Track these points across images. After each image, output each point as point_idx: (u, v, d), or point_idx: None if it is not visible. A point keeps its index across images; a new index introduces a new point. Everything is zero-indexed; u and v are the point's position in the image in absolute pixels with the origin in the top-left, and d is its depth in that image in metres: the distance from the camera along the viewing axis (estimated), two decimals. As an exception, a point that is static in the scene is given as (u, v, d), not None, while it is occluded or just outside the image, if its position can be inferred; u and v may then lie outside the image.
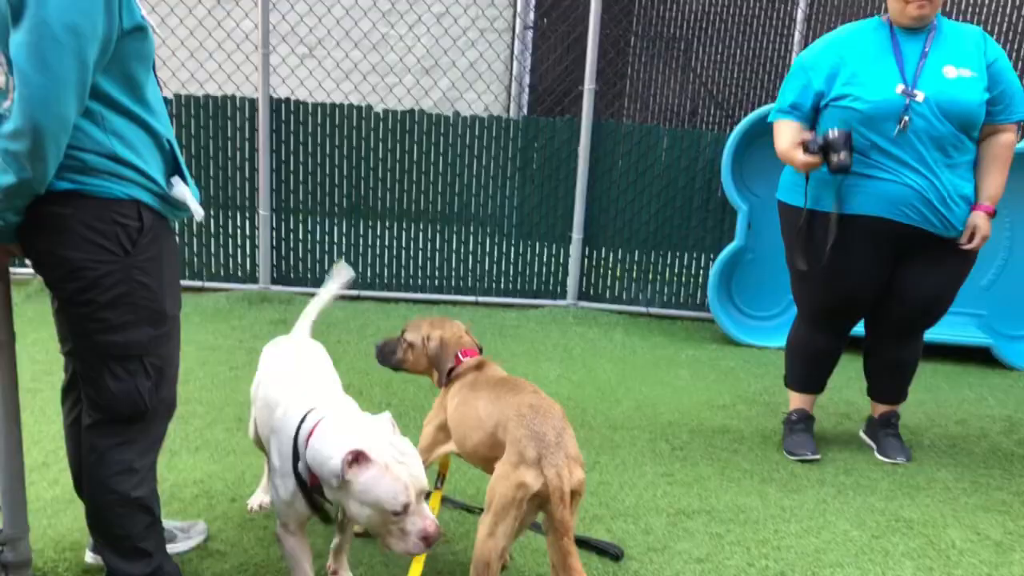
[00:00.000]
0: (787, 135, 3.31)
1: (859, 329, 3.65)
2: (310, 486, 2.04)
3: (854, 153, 3.13)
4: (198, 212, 2.03)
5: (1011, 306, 5.32)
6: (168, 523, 2.50)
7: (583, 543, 2.60)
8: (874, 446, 3.68)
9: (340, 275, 2.80)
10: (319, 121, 5.57)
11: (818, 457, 3.52)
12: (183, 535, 2.54)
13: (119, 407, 2.00)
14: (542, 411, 2.15)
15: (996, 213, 3.26)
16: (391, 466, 1.89)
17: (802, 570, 2.64)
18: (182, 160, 2.02)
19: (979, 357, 5.26)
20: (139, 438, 2.06)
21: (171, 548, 2.43)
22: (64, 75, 1.70)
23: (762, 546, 2.77)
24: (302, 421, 2.09)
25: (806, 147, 3.15)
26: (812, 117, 3.33)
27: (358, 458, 1.89)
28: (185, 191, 1.99)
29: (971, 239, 3.25)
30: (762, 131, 5.22)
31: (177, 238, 5.53)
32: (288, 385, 2.28)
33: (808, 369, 3.66)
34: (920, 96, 3.12)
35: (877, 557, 2.75)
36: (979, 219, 3.23)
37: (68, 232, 1.84)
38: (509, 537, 2.05)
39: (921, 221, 3.19)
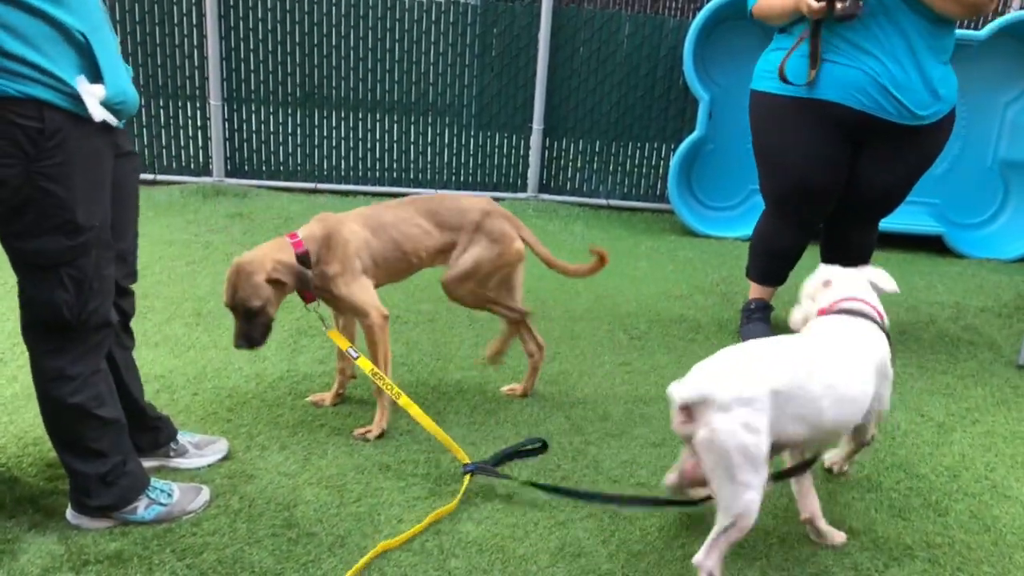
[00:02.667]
0: None
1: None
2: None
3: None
4: (97, 116, 1.83)
5: (963, 195, 5.41)
6: (184, 436, 2.49)
7: (511, 456, 2.58)
8: (826, 333, 3.78)
9: None
10: (269, 5, 5.36)
11: (772, 344, 3.61)
12: (196, 451, 2.48)
13: (41, 315, 1.94)
14: (492, 201, 2.84)
15: None
16: None
17: (754, 453, 2.73)
18: (104, 55, 1.85)
19: (931, 245, 5.37)
20: (70, 347, 1.99)
21: (178, 463, 2.43)
22: None
23: (716, 431, 2.86)
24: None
25: None
26: None
27: None
28: (88, 91, 1.81)
29: None
30: (726, 17, 5.14)
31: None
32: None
33: (771, 263, 3.71)
34: None
35: (826, 439, 2.86)
36: None
37: None
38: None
39: (875, 108, 3.19)
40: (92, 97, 1.81)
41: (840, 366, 2.10)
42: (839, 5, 3.06)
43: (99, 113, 1.83)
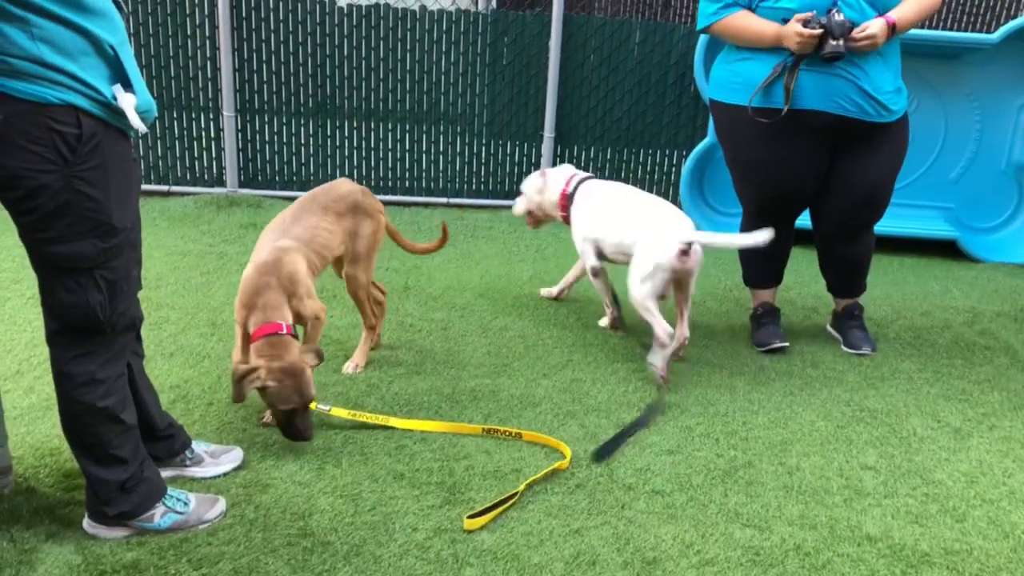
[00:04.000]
0: (761, 21, 3.22)
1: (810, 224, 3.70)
2: None
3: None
4: (136, 125, 1.91)
5: (978, 199, 5.38)
6: (199, 446, 2.51)
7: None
8: (840, 339, 3.76)
9: None
10: (281, 17, 5.39)
11: (787, 344, 3.60)
12: (211, 460, 2.50)
13: (74, 320, 1.97)
14: (353, 182, 3.19)
15: (895, 32, 3.13)
16: None
17: (769, 460, 2.72)
18: (130, 67, 1.92)
19: (946, 250, 5.34)
20: (100, 350, 2.03)
21: (194, 472, 2.45)
22: None
23: (731, 437, 2.85)
24: None
25: (806, 24, 3.08)
26: None
27: None
28: (126, 101, 1.88)
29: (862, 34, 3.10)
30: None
31: (140, 143, 5.41)
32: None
33: (763, 264, 3.71)
34: None
35: (841, 446, 2.84)
36: (876, 21, 3.09)
37: (3, 139, 1.77)
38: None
39: (857, 112, 3.20)
40: (130, 106, 1.90)
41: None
42: (832, 43, 3.06)
43: (137, 121, 1.91)
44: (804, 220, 3.65)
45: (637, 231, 3.28)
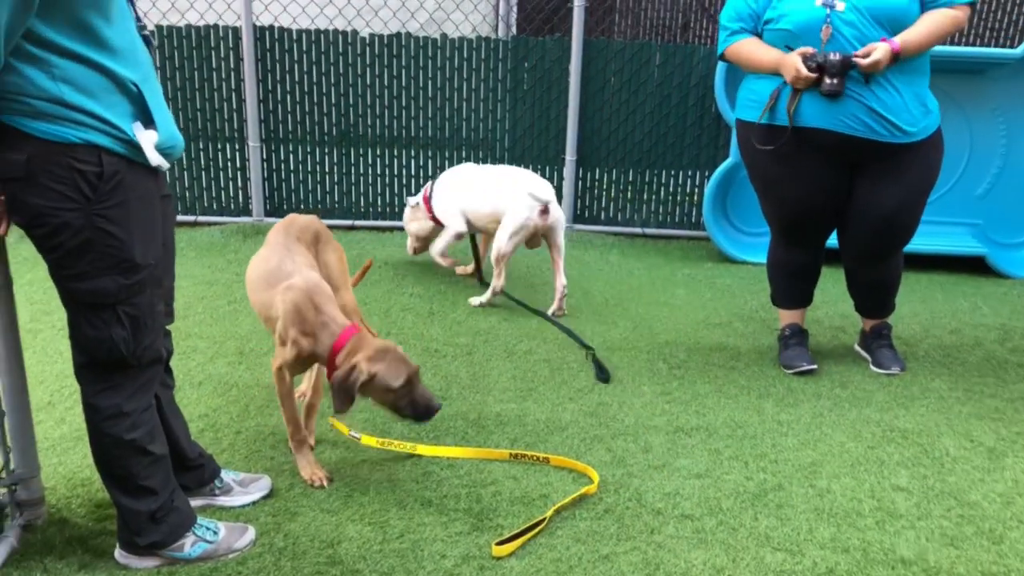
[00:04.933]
0: (765, 48, 3.26)
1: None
2: None
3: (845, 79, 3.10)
4: (156, 162, 1.92)
5: (1006, 215, 5.32)
6: (227, 474, 2.53)
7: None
8: (869, 358, 3.72)
9: None
10: (304, 48, 5.47)
11: (815, 367, 3.56)
12: (240, 488, 2.51)
13: (98, 354, 1.99)
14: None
15: (898, 59, 3.07)
16: None
17: (799, 482, 2.70)
18: (154, 103, 1.94)
19: (974, 266, 5.28)
20: (125, 384, 2.05)
21: (224, 501, 2.47)
22: None
23: (760, 460, 2.83)
24: None
25: (806, 60, 3.10)
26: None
27: None
28: (145, 138, 1.90)
29: (867, 57, 3.06)
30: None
31: (167, 174, 5.49)
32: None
33: (791, 285, 3.69)
34: (841, 6, 3.08)
35: (872, 467, 2.81)
36: (880, 46, 3.05)
37: (27, 178, 1.80)
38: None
39: (866, 131, 3.16)
40: (149, 143, 1.91)
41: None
42: (828, 81, 3.08)
43: (155, 158, 1.92)
44: (830, 239, 3.63)
45: (504, 198, 4.03)
